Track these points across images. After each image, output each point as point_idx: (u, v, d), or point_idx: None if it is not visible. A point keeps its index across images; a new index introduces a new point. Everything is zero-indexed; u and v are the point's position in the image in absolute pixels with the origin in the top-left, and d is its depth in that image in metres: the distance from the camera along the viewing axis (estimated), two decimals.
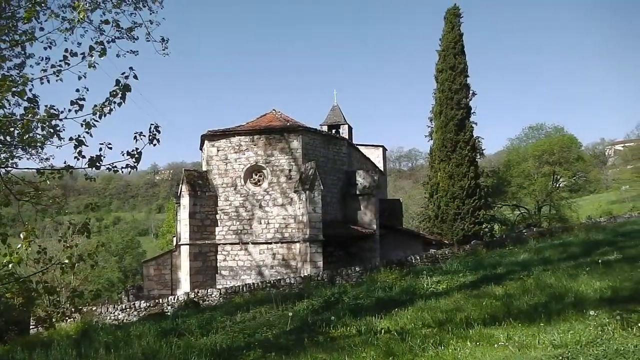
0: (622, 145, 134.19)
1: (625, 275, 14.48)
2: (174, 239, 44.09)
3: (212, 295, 25.84)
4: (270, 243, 32.89)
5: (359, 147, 46.00)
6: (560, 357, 8.15)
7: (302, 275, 28.20)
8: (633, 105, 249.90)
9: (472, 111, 50.79)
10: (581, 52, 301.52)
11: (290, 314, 14.57)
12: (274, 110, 38.07)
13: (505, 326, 10.85)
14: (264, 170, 33.79)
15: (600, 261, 16.79)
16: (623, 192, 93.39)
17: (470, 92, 50.78)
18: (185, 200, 33.17)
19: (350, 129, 51.51)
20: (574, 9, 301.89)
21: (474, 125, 50.81)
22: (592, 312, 10.53)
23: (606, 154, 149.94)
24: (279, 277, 29.41)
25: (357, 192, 36.01)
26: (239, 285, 26.99)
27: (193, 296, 26.03)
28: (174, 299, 26.28)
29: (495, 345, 9.44)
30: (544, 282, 14.98)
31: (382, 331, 11.77)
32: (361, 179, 36.18)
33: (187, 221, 32.92)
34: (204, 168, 35.27)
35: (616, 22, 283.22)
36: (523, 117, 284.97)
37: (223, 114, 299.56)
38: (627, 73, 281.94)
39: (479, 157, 54.42)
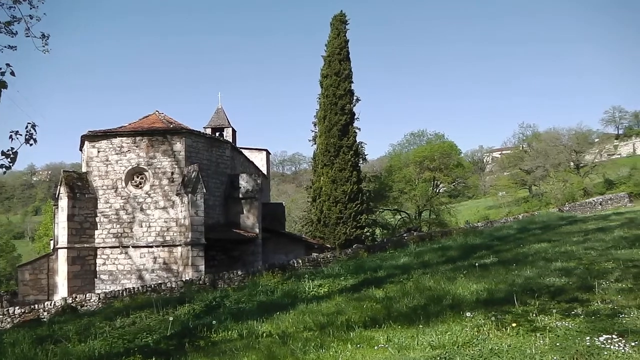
0: (500, 152, 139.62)
1: (500, 277, 15.04)
2: (52, 242, 42.67)
3: (91, 300, 25.17)
4: (152, 246, 32.37)
5: (242, 150, 45.92)
6: (438, 358, 8.34)
7: (184, 279, 27.89)
8: (511, 114, 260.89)
9: (355, 117, 51.87)
10: (461, 62, 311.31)
11: (171, 318, 14.38)
12: (157, 111, 37.40)
13: (385, 328, 11.02)
14: (145, 173, 33.21)
15: (477, 264, 17.41)
16: (500, 197, 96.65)
17: (355, 97, 51.80)
18: (63, 203, 32.17)
19: (234, 132, 51.43)
20: (454, 21, 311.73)
21: (357, 130, 51.87)
22: (468, 314, 10.87)
23: (484, 160, 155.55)
24: (160, 281, 28.97)
25: (240, 196, 35.90)
26: (118, 290, 26.42)
27: (71, 301, 25.27)
28: (50, 305, 25.41)
29: (376, 348, 9.55)
30: (423, 285, 15.31)
31: (264, 335, 11.81)
32: (244, 183, 36.12)
33: (65, 224, 31.92)
34: (84, 169, 34.31)
35: (493, 33, 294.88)
36: (406, 124, 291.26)
37: (104, 114, 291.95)
38: (506, 83, 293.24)
39: (361, 162, 55.47)
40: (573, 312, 10.29)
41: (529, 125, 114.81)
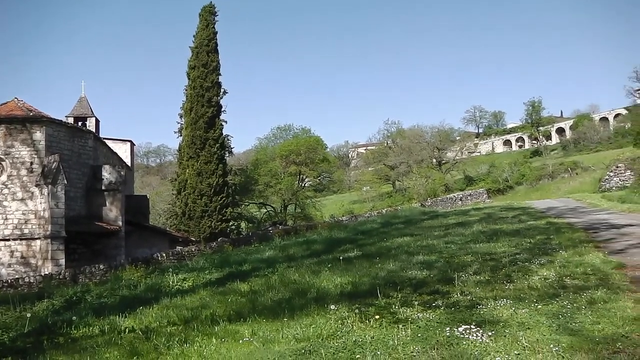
0: (365, 148, 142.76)
1: (364, 271, 15.33)
2: None
3: None
4: (8, 240, 31.15)
5: (106, 141, 44.89)
6: (303, 351, 8.44)
7: (43, 274, 27.05)
8: (376, 110, 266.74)
9: (222, 109, 51.77)
10: (329, 56, 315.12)
11: (29, 315, 13.91)
12: (16, 98, 35.83)
13: (250, 322, 11.02)
14: (3, 162, 31.89)
15: (341, 258, 17.73)
16: (364, 192, 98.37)
17: (222, 90, 51.79)
18: None
19: (97, 122, 50.05)
20: (323, 15, 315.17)
21: (224, 123, 51.93)
22: (333, 307, 10.99)
23: (350, 156, 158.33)
24: (17, 276, 27.90)
25: (103, 188, 35.21)
26: None
27: None
28: None
29: (241, 341, 9.53)
30: (288, 278, 15.45)
31: (127, 330, 11.60)
32: (107, 174, 35.42)
33: None
34: None
35: (362, 27, 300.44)
36: (273, 118, 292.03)
37: None
38: (373, 79, 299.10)
39: (228, 155, 55.58)
40: (434, 304, 10.59)
41: (394, 122, 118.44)
